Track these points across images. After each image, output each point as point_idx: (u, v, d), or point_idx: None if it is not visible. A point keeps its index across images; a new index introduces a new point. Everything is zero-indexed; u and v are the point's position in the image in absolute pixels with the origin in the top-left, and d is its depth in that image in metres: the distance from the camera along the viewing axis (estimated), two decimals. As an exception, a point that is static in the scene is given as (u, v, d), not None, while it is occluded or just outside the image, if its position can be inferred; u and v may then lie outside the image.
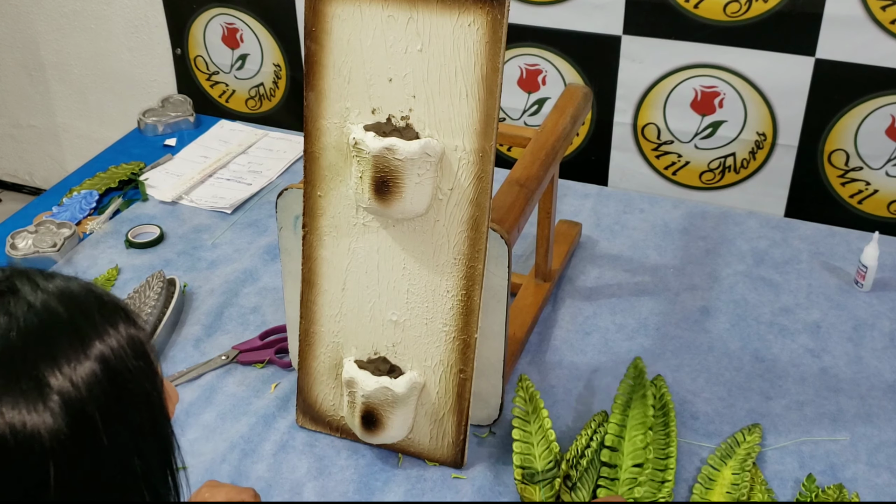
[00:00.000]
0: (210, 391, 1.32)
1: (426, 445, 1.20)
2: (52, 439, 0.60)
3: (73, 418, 0.61)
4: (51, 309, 0.65)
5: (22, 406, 0.60)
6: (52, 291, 0.66)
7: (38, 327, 0.63)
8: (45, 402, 0.61)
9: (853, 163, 1.75)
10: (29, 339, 0.63)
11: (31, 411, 0.60)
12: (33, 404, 0.60)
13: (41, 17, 2.43)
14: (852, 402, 1.30)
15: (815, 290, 1.51)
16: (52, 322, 0.64)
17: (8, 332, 0.62)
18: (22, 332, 0.63)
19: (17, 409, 0.60)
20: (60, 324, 0.64)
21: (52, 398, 0.61)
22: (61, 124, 2.61)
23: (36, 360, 0.62)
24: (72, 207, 1.71)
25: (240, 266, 1.58)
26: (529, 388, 1.26)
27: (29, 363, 0.62)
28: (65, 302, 0.66)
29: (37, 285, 0.66)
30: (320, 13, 1.08)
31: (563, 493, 1.14)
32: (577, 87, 1.49)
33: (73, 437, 0.61)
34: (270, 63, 2.15)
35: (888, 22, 1.61)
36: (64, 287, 0.67)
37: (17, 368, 0.61)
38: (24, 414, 0.60)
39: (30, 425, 0.60)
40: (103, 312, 0.67)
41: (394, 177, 1.06)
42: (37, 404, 0.60)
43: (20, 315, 0.63)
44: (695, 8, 1.71)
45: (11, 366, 0.61)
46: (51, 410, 0.61)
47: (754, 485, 1.16)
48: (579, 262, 1.58)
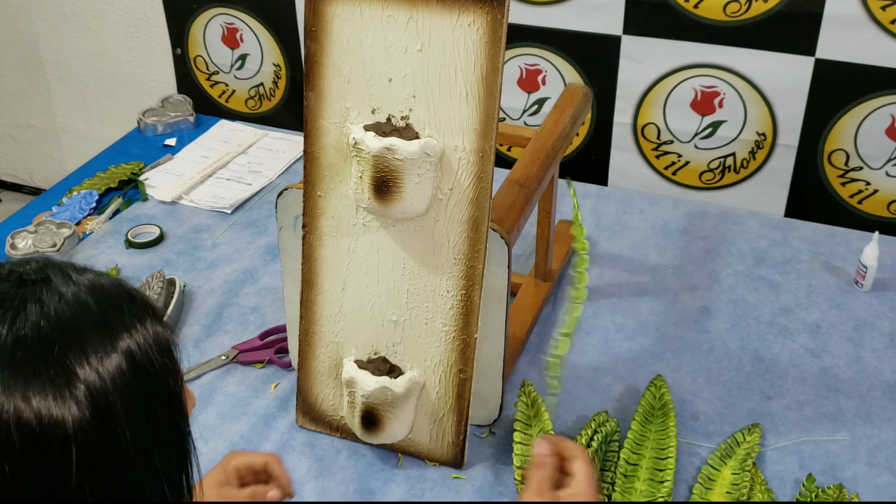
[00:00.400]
0: (210, 391, 1.32)
1: (426, 445, 1.20)
2: (76, 428, 0.62)
3: (98, 409, 0.63)
4: (82, 301, 0.66)
5: (49, 394, 0.61)
6: (84, 284, 0.67)
7: (68, 318, 0.65)
8: (72, 392, 0.62)
9: (853, 163, 1.76)
10: (59, 328, 0.64)
11: (57, 399, 0.61)
12: (60, 393, 0.62)
13: (41, 17, 2.43)
14: (852, 402, 1.30)
15: (815, 290, 1.51)
16: (82, 314, 0.65)
17: (39, 320, 0.64)
18: (53, 321, 0.64)
19: (44, 396, 0.61)
20: (91, 316, 0.66)
21: (79, 388, 0.62)
22: (61, 124, 2.61)
23: (65, 350, 0.63)
24: (72, 207, 1.71)
25: (240, 266, 1.58)
26: (532, 392, 1.26)
27: (58, 352, 0.63)
28: (96, 295, 0.67)
29: (69, 277, 0.67)
30: (320, 13, 1.08)
31: (563, 493, 1.14)
32: (577, 87, 1.49)
33: (97, 428, 0.63)
34: (270, 63, 2.15)
35: (888, 22, 1.61)
36: (95, 281, 0.68)
37: (46, 357, 0.62)
38: (51, 402, 0.61)
39: (56, 413, 0.61)
40: (132, 308, 0.68)
41: (394, 177, 1.06)
42: (63, 393, 0.62)
43: (52, 305, 0.65)
44: (695, 8, 1.71)
45: (42, 354, 0.62)
46: (76, 400, 0.62)
47: (754, 485, 1.16)
48: (579, 262, 1.58)
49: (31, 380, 0.61)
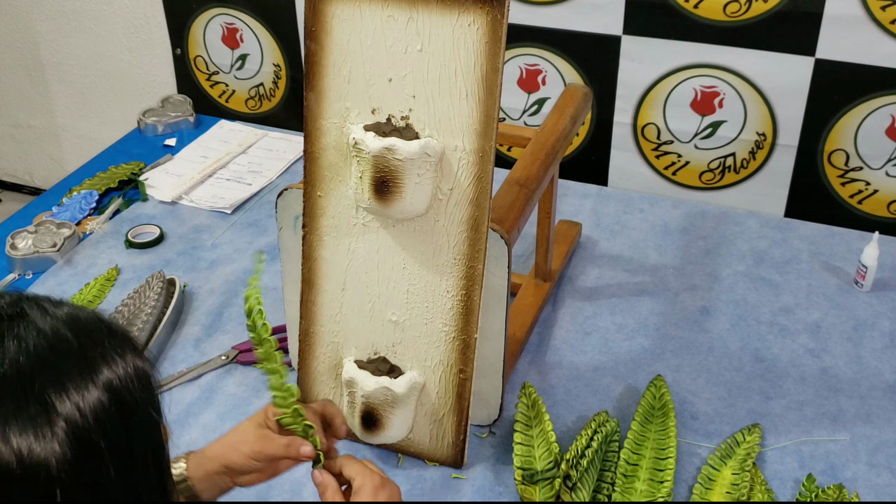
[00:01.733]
0: (210, 391, 1.32)
1: (426, 445, 1.20)
2: (58, 467, 0.60)
3: (80, 446, 0.61)
4: (60, 335, 0.64)
5: (30, 433, 0.60)
6: (62, 318, 0.66)
7: (47, 353, 0.63)
8: (53, 429, 0.60)
9: (853, 163, 1.76)
10: (38, 364, 0.62)
11: (38, 438, 0.60)
12: (41, 431, 0.60)
13: (41, 17, 2.43)
14: (852, 402, 1.30)
15: (815, 290, 1.51)
16: (61, 348, 0.64)
17: (17, 356, 0.62)
18: (31, 356, 0.62)
19: (24, 435, 0.59)
20: (70, 350, 0.64)
21: (60, 425, 0.60)
22: (61, 124, 2.62)
23: (45, 386, 0.61)
24: (72, 207, 1.71)
25: (240, 266, 1.58)
26: (532, 394, 1.26)
27: (38, 388, 0.61)
28: (74, 329, 0.65)
29: (46, 311, 0.66)
30: (320, 13, 1.08)
31: (563, 493, 1.14)
32: (577, 87, 1.49)
33: (79, 466, 0.61)
34: (270, 63, 2.15)
35: (888, 22, 1.61)
36: (73, 314, 0.67)
37: (25, 393, 0.61)
38: (32, 440, 0.60)
39: (37, 452, 0.60)
40: (112, 342, 0.67)
41: (394, 177, 1.06)
42: (44, 431, 0.60)
43: (30, 340, 0.63)
44: (695, 8, 1.71)
45: (20, 390, 0.61)
46: (58, 438, 0.60)
47: (754, 485, 1.16)
48: (579, 262, 1.58)
49: (10, 418, 0.60)
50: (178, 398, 1.30)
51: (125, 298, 1.45)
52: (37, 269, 1.57)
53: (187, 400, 1.30)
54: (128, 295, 1.46)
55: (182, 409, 1.29)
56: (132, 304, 1.42)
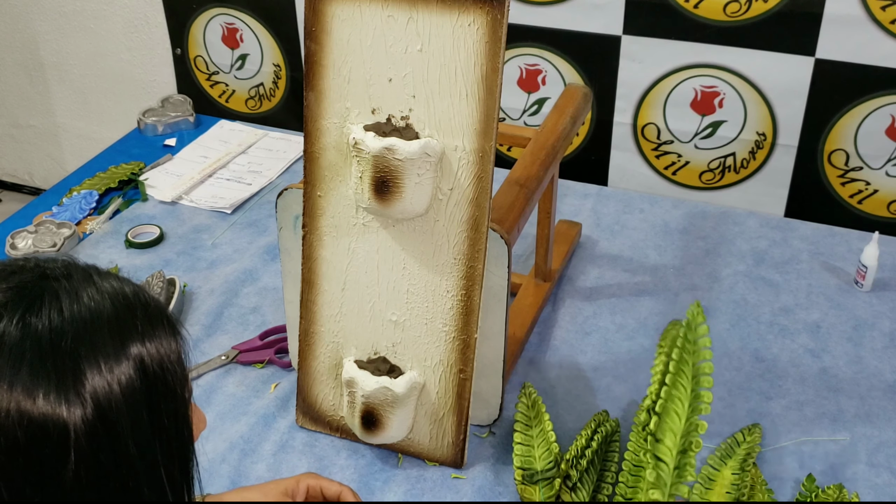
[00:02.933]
0: (210, 391, 1.32)
1: (426, 445, 1.20)
2: (77, 431, 0.61)
3: (102, 415, 0.62)
4: (98, 303, 0.66)
5: (53, 393, 0.61)
6: (106, 289, 0.67)
7: (84, 320, 0.64)
8: (79, 395, 0.62)
9: (853, 163, 1.76)
10: (74, 331, 0.63)
11: (63, 402, 0.61)
12: (66, 395, 0.61)
13: (41, 17, 2.43)
14: (852, 402, 1.30)
15: (815, 290, 1.51)
16: (97, 317, 0.65)
17: (57, 320, 0.63)
18: (68, 322, 0.64)
19: (48, 399, 0.61)
20: (105, 320, 0.65)
21: (87, 391, 0.62)
22: (61, 124, 2.61)
23: (77, 352, 0.63)
24: (72, 207, 1.71)
25: (240, 266, 1.58)
26: (532, 394, 1.26)
27: (70, 353, 0.62)
28: (114, 300, 0.67)
29: (91, 279, 0.67)
30: (320, 13, 1.08)
31: (563, 493, 1.14)
32: (577, 87, 1.49)
33: (98, 433, 0.62)
34: (270, 63, 2.15)
35: (888, 22, 1.61)
36: (116, 286, 0.68)
37: (57, 356, 0.62)
38: (55, 403, 0.61)
39: (60, 415, 0.61)
40: (148, 317, 0.68)
41: (394, 177, 1.06)
42: (69, 395, 0.61)
43: (69, 304, 0.64)
44: (695, 8, 1.71)
45: (53, 353, 0.62)
46: (82, 404, 0.62)
47: (754, 485, 1.16)
48: (579, 262, 1.58)
49: (39, 378, 0.61)
50: (178, 398, 1.30)
51: (125, 298, 1.45)
52: (37, 269, 1.57)
53: (187, 400, 1.30)
54: (128, 295, 1.46)
55: (182, 409, 1.28)
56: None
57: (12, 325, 0.62)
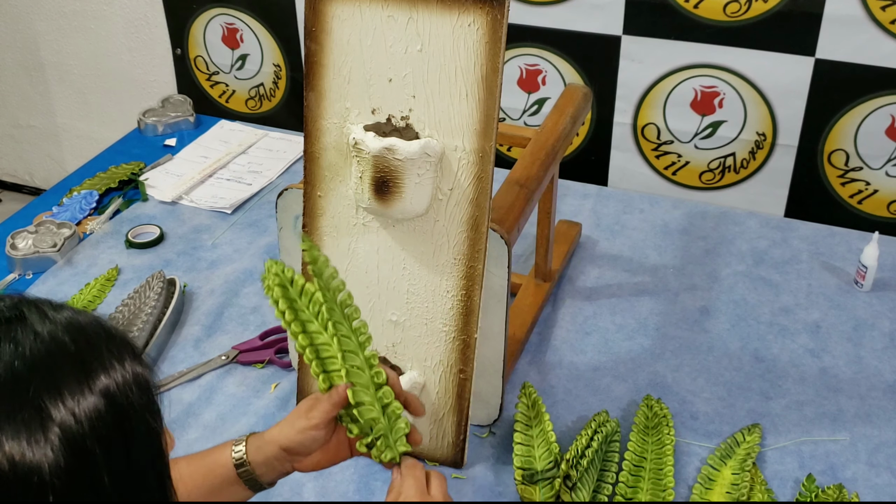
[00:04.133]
0: (210, 391, 1.32)
1: (426, 445, 1.20)
2: (51, 473, 0.59)
3: (74, 452, 0.60)
4: (58, 339, 0.64)
5: (23, 437, 0.59)
6: (61, 322, 0.65)
7: (43, 357, 0.62)
8: (46, 435, 0.59)
9: (853, 163, 1.76)
10: (34, 368, 0.61)
11: (31, 443, 0.59)
12: (34, 436, 0.59)
13: (41, 17, 2.43)
14: (852, 402, 1.30)
15: (815, 290, 1.51)
16: (58, 353, 0.63)
17: (13, 360, 0.61)
18: (27, 361, 0.62)
19: (17, 440, 0.59)
20: (67, 355, 0.63)
21: (54, 431, 0.60)
22: (61, 124, 2.62)
23: (39, 391, 0.61)
24: (72, 207, 1.71)
25: (240, 266, 1.58)
26: (532, 394, 1.26)
27: (32, 393, 0.60)
28: (72, 333, 0.65)
29: (45, 315, 0.65)
30: (320, 13, 1.08)
31: (563, 493, 1.14)
32: (577, 87, 1.49)
33: (73, 472, 0.60)
34: (270, 63, 2.15)
35: (888, 22, 1.61)
36: (73, 318, 0.66)
37: (20, 398, 0.60)
38: (25, 446, 0.59)
39: (29, 458, 0.59)
40: (111, 347, 0.66)
41: (394, 177, 1.06)
42: (38, 436, 0.59)
43: (27, 344, 0.62)
44: (695, 8, 1.71)
45: (14, 395, 0.60)
46: (51, 444, 0.60)
47: (754, 485, 1.16)
48: (579, 262, 1.58)
49: (3, 423, 0.59)
50: (177, 398, 1.30)
51: (125, 299, 1.45)
52: (37, 269, 1.57)
53: (187, 400, 1.30)
54: (128, 295, 1.46)
55: (182, 409, 1.29)
56: (132, 305, 1.42)
57: None
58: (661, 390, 1.31)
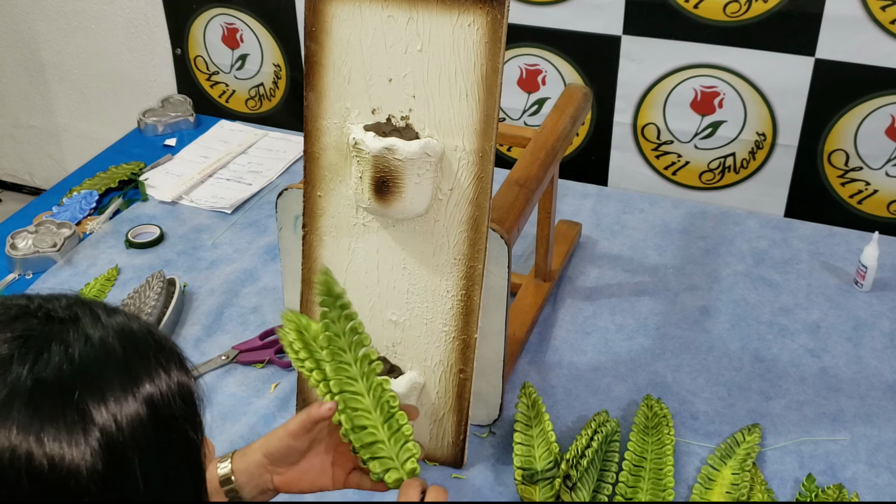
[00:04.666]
0: (210, 391, 1.32)
1: (426, 445, 1.20)
2: (88, 477, 0.60)
3: (112, 457, 0.61)
4: (108, 345, 0.64)
5: (63, 438, 0.60)
6: (113, 327, 0.66)
7: (91, 361, 0.63)
8: (87, 438, 0.60)
9: (853, 163, 1.76)
10: (81, 372, 0.62)
11: (70, 445, 0.60)
12: (74, 438, 0.60)
13: (41, 17, 2.43)
14: (852, 402, 1.30)
15: (815, 290, 1.51)
16: (106, 358, 0.64)
17: (61, 363, 0.62)
18: (75, 363, 0.62)
19: (58, 440, 0.59)
20: (114, 361, 0.64)
21: (94, 434, 0.60)
22: (61, 124, 2.62)
23: (84, 394, 0.61)
24: (72, 207, 1.71)
25: (240, 266, 1.58)
26: (532, 394, 1.26)
27: (77, 397, 0.61)
28: (123, 340, 0.65)
29: (98, 318, 0.66)
30: (320, 13, 1.08)
31: (563, 493, 1.14)
32: (577, 87, 1.49)
33: (109, 477, 0.61)
34: (270, 63, 2.15)
35: (888, 22, 1.61)
36: (124, 324, 0.67)
37: (64, 399, 0.61)
38: (64, 447, 0.59)
39: (69, 459, 0.59)
40: (159, 356, 0.66)
41: (394, 177, 1.06)
42: (77, 438, 0.60)
43: (77, 347, 0.63)
44: (695, 8, 1.71)
45: (60, 396, 0.61)
46: (91, 447, 0.60)
47: (754, 485, 1.16)
48: (579, 262, 1.58)
49: (46, 423, 0.60)
50: (178, 398, 1.30)
51: (125, 298, 1.45)
52: (37, 269, 1.57)
53: (187, 400, 1.30)
54: (128, 295, 1.46)
55: (182, 409, 1.28)
56: (132, 305, 1.42)
57: (23, 376, 0.61)
58: (661, 390, 1.31)
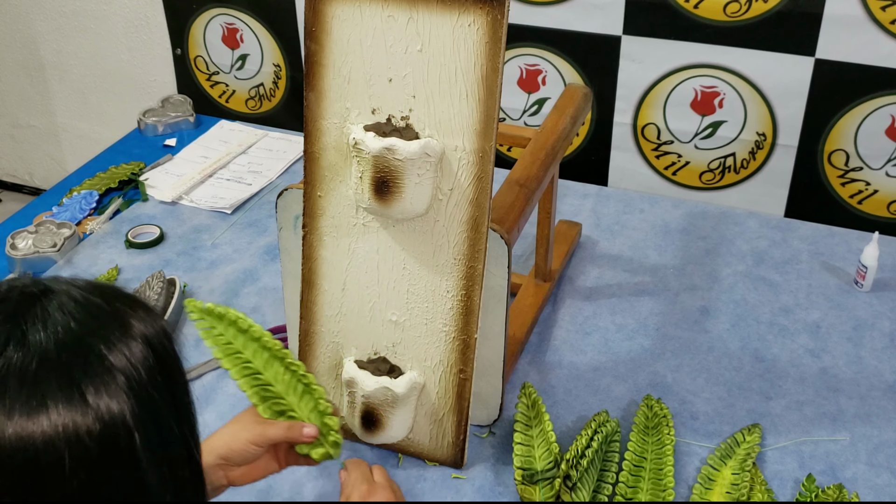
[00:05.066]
0: (210, 391, 1.32)
1: (426, 445, 1.20)
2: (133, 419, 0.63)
3: (139, 398, 0.64)
4: (91, 300, 0.68)
5: (102, 390, 0.63)
6: (84, 286, 0.69)
7: (88, 316, 0.66)
8: (117, 384, 0.63)
9: (853, 163, 1.76)
10: (85, 326, 0.65)
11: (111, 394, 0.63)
12: (109, 388, 0.63)
13: (41, 17, 2.43)
14: (852, 402, 1.30)
15: (815, 290, 1.51)
16: (96, 310, 0.67)
17: (67, 322, 0.65)
18: (78, 321, 0.65)
19: (99, 394, 0.62)
20: (104, 311, 0.67)
21: (120, 379, 0.64)
22: (61, 124, 2.62)
23: (98, 345, 0.64)
24: (72, 207, 1.71)
25: (240, 266, 1.58)
26: (532, 394, 1.26)
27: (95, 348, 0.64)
28: (99, 293, 0.69)
29: (70, 283, 0.69)
30: (320, 13, 1.08)
31: (563, 493, 1.14)
32: (577, 87, 1.49)
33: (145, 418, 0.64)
34: (270, 63, 2.15)
35: (888, 22, 1.61)
36: (91, 282, 0.70)
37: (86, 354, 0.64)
38: (107, 398, 0.62)
39: (113, 408, 0.62)
40: (134, 303, 0.70)
41: (394, 177, 1.06)
42: (111, 387, 0.63)
43: (70, 307, 0.66)
44: (695, 8, 1.71)
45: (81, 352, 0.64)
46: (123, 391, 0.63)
47: (754, 485, 1.16)
48: (579, 262, 1.58)
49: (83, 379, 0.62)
50: (178, 398, 1.30)
51: (125, 298, 1.45)
52: (37, 269, 1.57)
53: (187, 400, 1.30)
54: (128, 295, 1.46)
55: (182, 409, 1.28)
56: (132, 304, 1.42)
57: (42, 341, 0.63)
58: (661, 390, 1.31)
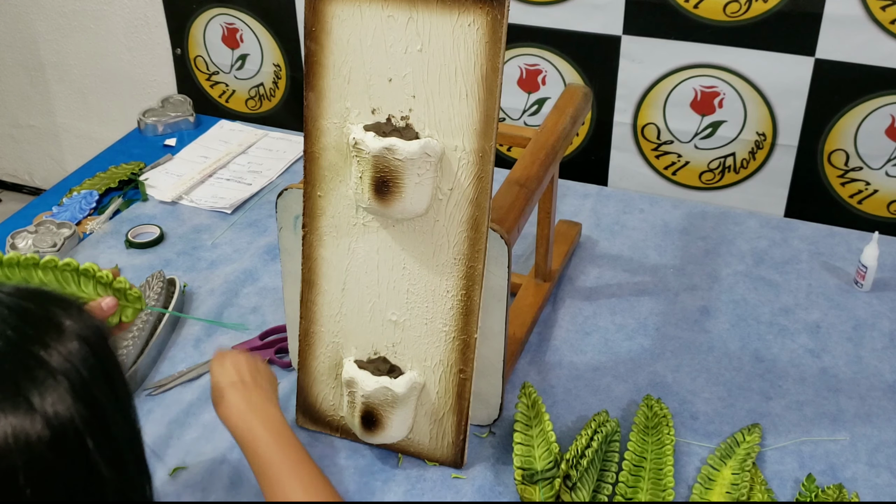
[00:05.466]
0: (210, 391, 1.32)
1: (426, 445, 1.20)
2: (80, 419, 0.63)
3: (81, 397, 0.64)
4: (21, 305, 0.68)
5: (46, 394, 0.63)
6: (11, 292, 0.69)
7: (20, 322, 0.66)
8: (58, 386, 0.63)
9: (853, 163, 1.76)
10: (20, 332, 0.65)
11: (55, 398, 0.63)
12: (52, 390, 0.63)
13: (41, 17, 2.43)
14: (852, 402, 1.30)
15: (815, 290, 1.51)
16: (28, 314, 0.67)
17: (4, 331, 0.65)
18: (12, 327, 0.65)
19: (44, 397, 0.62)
20: (35, 314, 0.68)
21: (61, 381, 0.64)
22: (61, 124, 2.62)
23: (35, 349, 0.64)
24: (72, 207, 1.71)
25: (240, 266, 1.58)
26: (532, 394, 1.26)
27: (33, 352, 0.64)
28: (27, 297, 0.69)
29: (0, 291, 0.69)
30: (320, 13, 1.08)
31: (563, 493, 1.14)
32: (577, 87, 1.49)
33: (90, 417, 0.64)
34: (270, 63, 2.15)
35: (888, 22, 1.61)
36: (16, 287, 0.71)
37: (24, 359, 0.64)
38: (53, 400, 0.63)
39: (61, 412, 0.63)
40: (67, 305, 0.71)
41: (394, 177, 1.06)
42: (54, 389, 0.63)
43: (4, 315, 0.66)
44: (695, 8, 1.71)
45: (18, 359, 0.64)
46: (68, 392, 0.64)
47: (754, 485, 1.16)
48: (579, 262, 1.58)
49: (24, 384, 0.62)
50: (178, 398, 1.30)
51: (125, 298, 1.45)
52: (37, 269, 1.57)
53: (187, 400, 1.30)
54: (128, 295, 1.46)
55: (182, 409, 1.29)
56: (132, 304, 1.42)
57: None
58: (661, 390, 1.31)
